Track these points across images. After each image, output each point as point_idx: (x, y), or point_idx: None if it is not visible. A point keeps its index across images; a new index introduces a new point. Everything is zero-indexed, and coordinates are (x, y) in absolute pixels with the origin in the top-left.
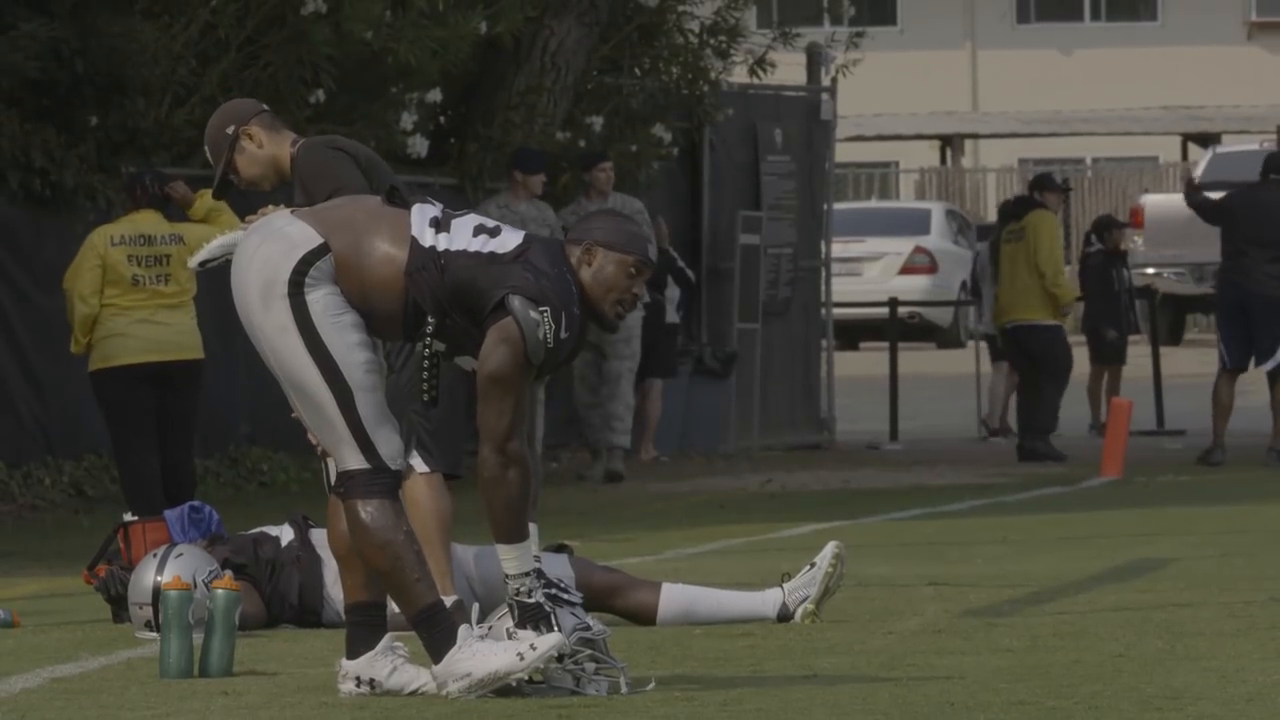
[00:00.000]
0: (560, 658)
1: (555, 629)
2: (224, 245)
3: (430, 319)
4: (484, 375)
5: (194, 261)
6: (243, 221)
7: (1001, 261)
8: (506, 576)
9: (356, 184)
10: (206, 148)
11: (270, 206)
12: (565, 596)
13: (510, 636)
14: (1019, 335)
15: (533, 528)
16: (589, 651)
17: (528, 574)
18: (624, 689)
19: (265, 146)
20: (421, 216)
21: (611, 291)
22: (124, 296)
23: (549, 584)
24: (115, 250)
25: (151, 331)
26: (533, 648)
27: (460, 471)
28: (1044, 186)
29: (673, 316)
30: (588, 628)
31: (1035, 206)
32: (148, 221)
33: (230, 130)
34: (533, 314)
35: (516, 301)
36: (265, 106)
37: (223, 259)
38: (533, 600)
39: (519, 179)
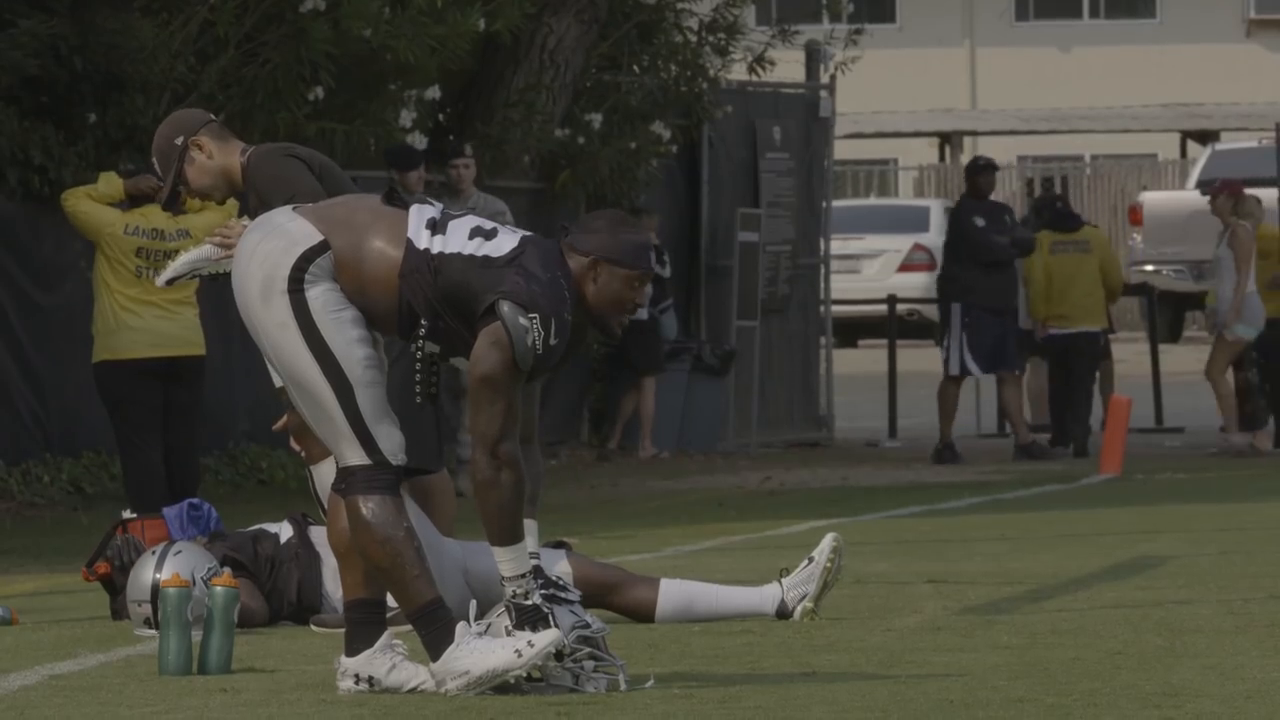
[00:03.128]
0: (559, 655)
1: (553, 629)
2: (190, 262)
3: (423, 320)
4: (474, 379)
5: (162, 280)
6: (207, 238)
7: (1050, 271)
8: (503, 579)
9: (311, 189)
10: (154, 159)
11: (234, 220)
12: (563, 595)
13: (509, 635)
14: (1080, 341)
15: (533, 524)
16: (588, 649)
17: (524, 576)
18: (623, 686)
19: (215, 157)
20: (419, 217)
21: (616, 305)
22: (128, 289)
23: (547, 583)
24: (128, 239)
25: (160, 326)
26: (530, 644)
27: (431, 465)
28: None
29: (640, 313)
30: (586, 625)
31: (1082, 222)
32: (158, 216)
33: (179, 141)
34: (521, 320)
35: (506, 307)
36: (213, 116)
37: (189, 275)
38: (530, 602)
39: (395, 178)
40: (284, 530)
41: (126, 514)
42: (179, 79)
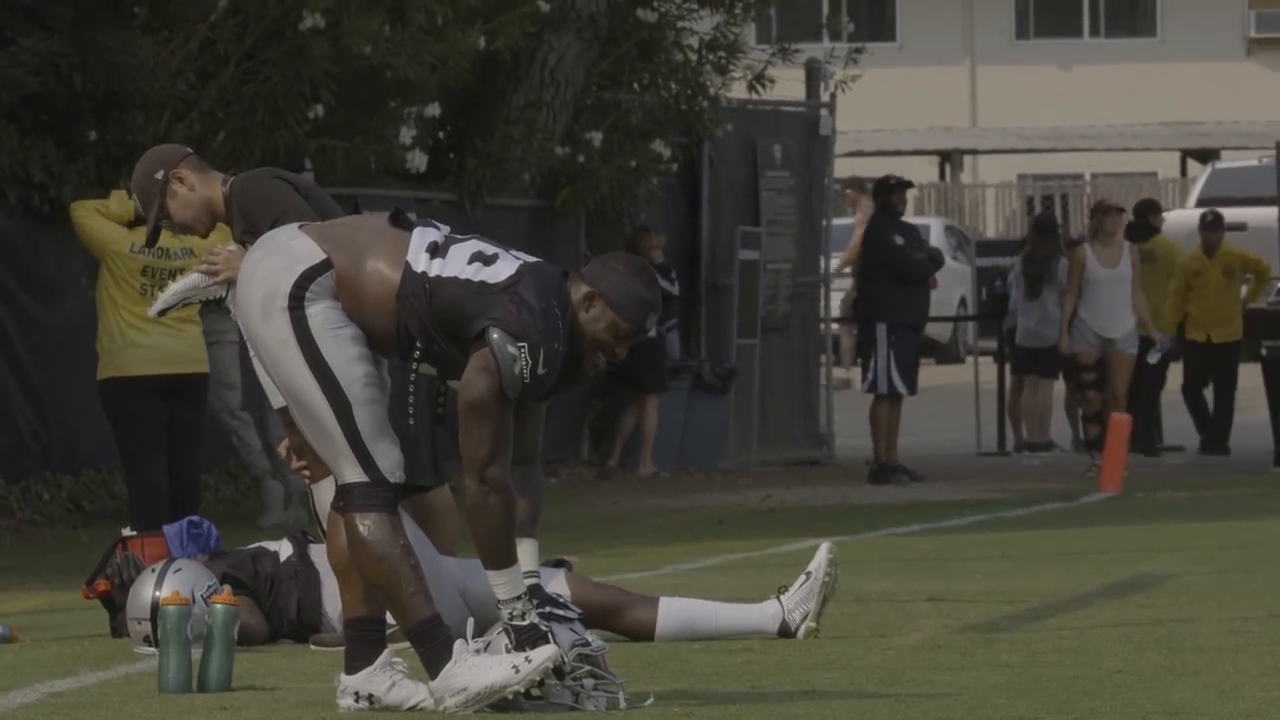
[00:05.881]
0: (559, 672)
1: (551, 645)
2: (179, 292)
3: (419, 343)
4: (463, 404)
5: (153, 310)
6: (195, 267)
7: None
8: (499, 602)
9: (299, 208)
10: (135, 197)
11: (219, 247)
12: (561, 613)
13: (508, 654)
14: (1145, 346)
15: (533, 544)
16: (587, 667)
17: (519, 598)
18: (622, 704)
19: (197, 189)
20: (420, 240)
21: (594, 344)
22: (135, 306)
23: (544, 600)
24: (134, 257)
25: (167, 343)
26: (528, 660)
27: (426, 481)
28: (1157, 210)
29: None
30: (586, 643)
31: (1153, 231)
32: (162, 235)
33: (159, 175)
34: (510, 349)
35: (495, 334)
36: (190, 150)
37: (180, 304)
38: (527, 622)
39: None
40: (284, 548)
41: (126, 531)
42: (179, 96)
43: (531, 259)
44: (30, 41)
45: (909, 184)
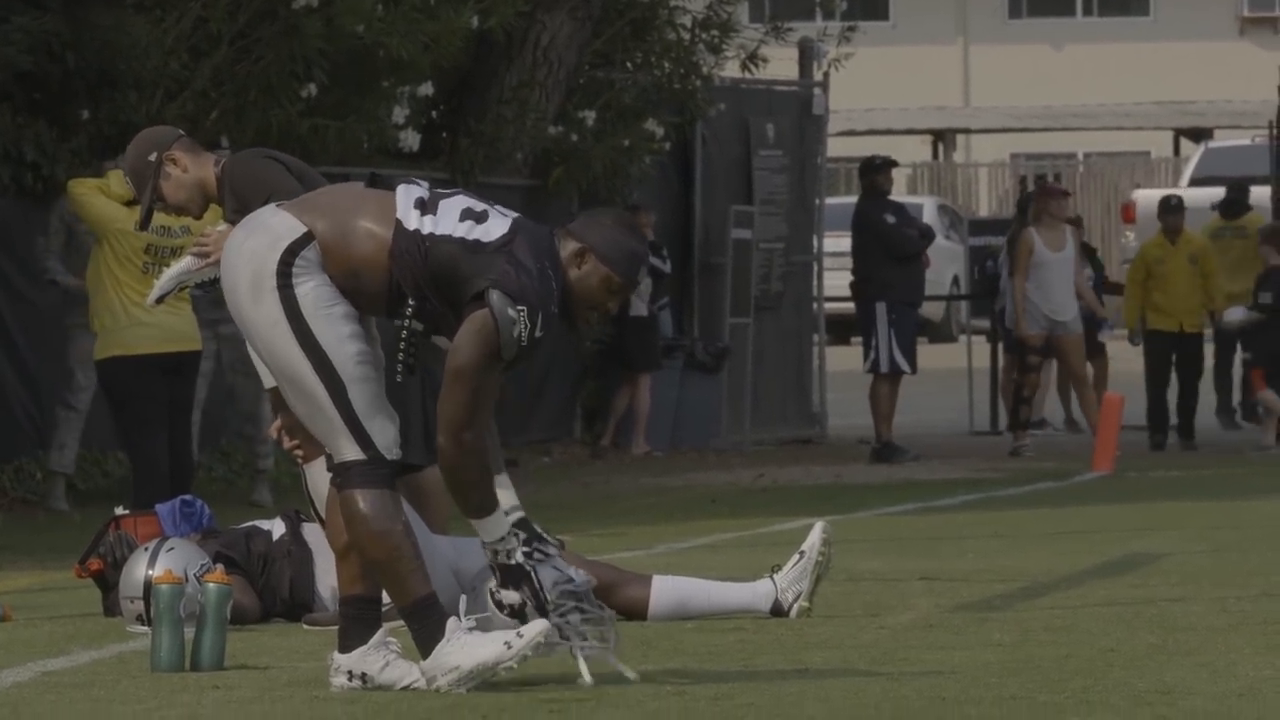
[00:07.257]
0: (549, 645)
1: (537, 586)
2: (175, 276)
3: (411, 300)
4: (452, 366)
5: (151, 299)
6: (187, 250)
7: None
8: (484, 544)
9: (290, 187)
10: (128, 179)
11: (210, 229)
12: (544, 550)
13: (493, 597)
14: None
15: (506, 478)
16: (573, 603)
17: (502, 538)
18: (612, 640)
19: (190, 170)
20: (407, 198)
21: (587, 301)
22: (138, 284)
23: (528, 539)
24: (137, 236)
25: (170, 321)
26: (519, 635)
27: (418, 460)
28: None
29: (640, 309)
30: (570, 580)
31: (1246, 209)
32: (161, 214)
33: (153, 157)
34: (510, 311)
35: (496, 297)
36: (183, 131)
37: (177, 288)
38: (513, 562)
39: None
40: (277, 527)
41: (119, 510)
42: (172, 76)
43: (518, 215)
44: (23, 20)
45: (894, 163)
